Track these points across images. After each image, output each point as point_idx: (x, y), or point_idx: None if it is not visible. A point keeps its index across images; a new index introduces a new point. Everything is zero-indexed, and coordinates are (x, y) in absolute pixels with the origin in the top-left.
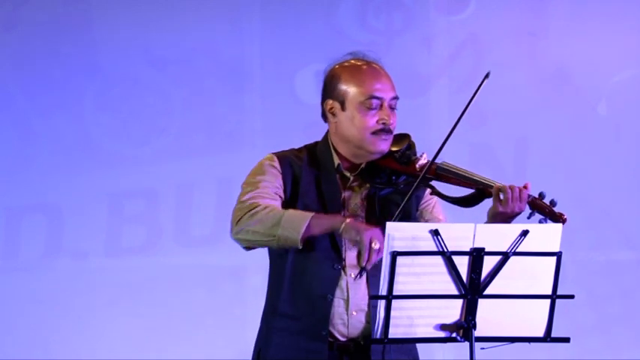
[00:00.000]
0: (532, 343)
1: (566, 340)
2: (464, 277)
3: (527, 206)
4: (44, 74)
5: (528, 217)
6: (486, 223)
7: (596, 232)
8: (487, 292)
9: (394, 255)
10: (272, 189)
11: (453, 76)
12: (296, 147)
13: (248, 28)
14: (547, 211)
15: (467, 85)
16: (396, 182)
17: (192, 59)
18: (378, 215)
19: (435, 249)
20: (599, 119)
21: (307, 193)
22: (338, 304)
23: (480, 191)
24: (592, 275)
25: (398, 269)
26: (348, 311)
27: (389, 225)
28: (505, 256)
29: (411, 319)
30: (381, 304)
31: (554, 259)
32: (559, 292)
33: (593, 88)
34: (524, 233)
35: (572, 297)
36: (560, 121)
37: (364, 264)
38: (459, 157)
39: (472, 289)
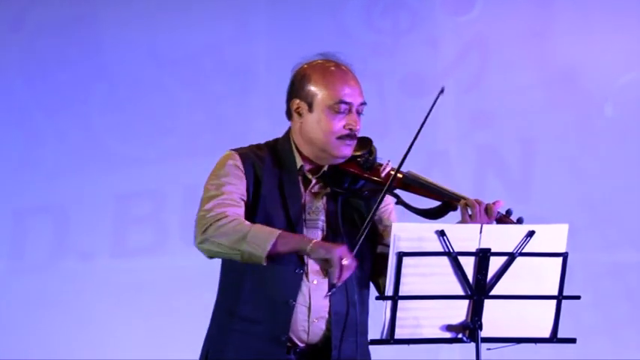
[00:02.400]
0: (538, 344)
1: (573, 340)
2: (470, 277)
3: (495, 223)
4: (50, 75)
5: None
6: None
7: (603, 233)
8: (493, 292)
9: (400, 256)
10: (236, 194)
11: (460, 77)
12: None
13: (254, 29)
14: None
15: (473, 85)
16: (358, 188)
17: (199, 59)
18: (338, 219)
19: (441, 250)
20: (605, 120)
21: (269, 194)
22: (300, 311)
23: (446, 204)
24: (598, 276)
25: (404, 270)
26: (310, 318)
27: (395, 226)
28: (511, 257)
29: (417, 320)
30: (387, 304)
31: (560, 259)
32: (565, 293)
33: (599, 89)
34: (531, 234)
35: (578, 298)
36: (567, 122)
37: (336, 281)
38: (465, 158)
39: (478, 290)
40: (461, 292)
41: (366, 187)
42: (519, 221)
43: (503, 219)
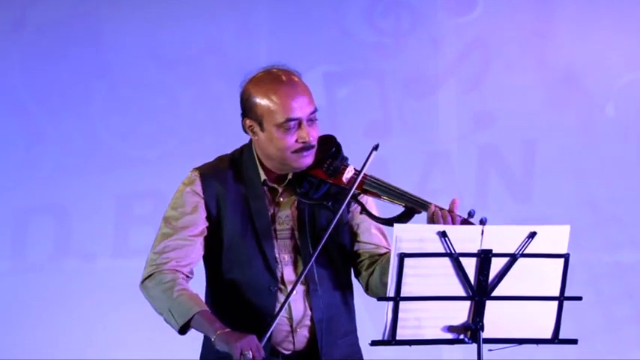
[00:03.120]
0: (540, 345)
1: (574, 341)
2: (471, 278)
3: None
4: (52, 75)
5: None
6: None
7: (604, 234)
8: (495, 293)
9: (401, 257)
10: (191, 229)
11: (461, 78)
12: (222, 154)
13: (256, 29)
14: None
15: (474, 86)
16: (323, 193)
17: (201, 60)
18: (306, 226)
19: (443, 251)
20: (607, 121)
21: (234, 211)
22: (281, 322)
23: (409, 210)
24: (600, 277)
25: (405, 271)
26: (293, 327)
27: (396, 227)
28: (513, 258)
29: (418, 321)
30: (389, 305)
31: (561, 260)
32: (567, 294)
33: (601, 89)
34: (532, 235)
35: (580, 299)
36: (568, 122)
37: None
38: (467, 159)
39: (480, 291)
40: (462, 293)
41: (331, 191)
42: (482, 223)
43: (466, 221)
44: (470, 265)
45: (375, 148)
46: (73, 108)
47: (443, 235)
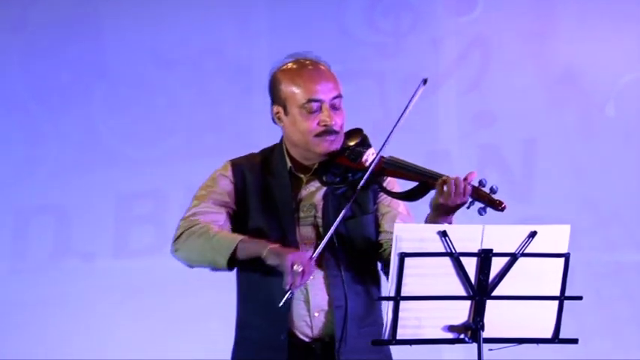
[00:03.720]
0: (540, 345)
1: (575, 341)
2: (472, 278)
3: (470, 197)
4: (52, 75)
5: (467, 207)
6: (429, 214)
7: (605, 234)
8: (495, 293)
9: (402, 256)
10: (218, 201)
11: (461, 77)
12: (256, 150)
13: (256, 29)
14: (487, 200)
15: (475, 85)
16: (350, 180)
17: (200, 60)
18: (331, 214)
19: (443, 250)
20: (607, 120)
21: (260, 199)
22: (299, 307)
23: (423, 184)
24: (600, 277)
25: (406, 270)
26: (310, 312)
27: (397, 226)
28: (513, 258)
29: (419, 321)
30: (389, 305)
31: (562, 260)
32: (567, 294)
33: (601, 89)
34: (533, 234)
35: (580, 298)
36: (569, 122)
37: (287, 287)
38: (467, 159)
39: (480, 291)
40: (463, 293)
41: (357, 178)
42: (492, 191)
43: (477, 190)
44: (470, 265)
45: (425, 81)
46: (73, 108)
47: (443, 234)
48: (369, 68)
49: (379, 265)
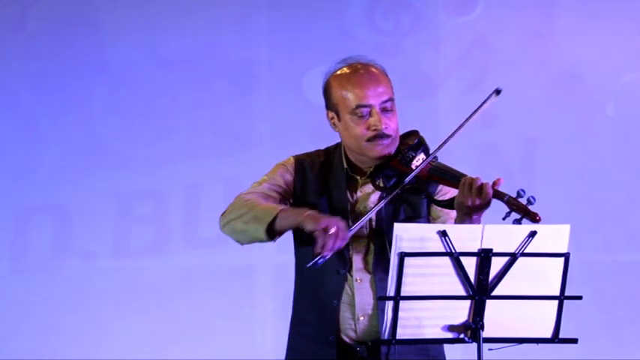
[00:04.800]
0: (540, 344)
1: (574, 341)
2: (472, 278)
3: (506, 206)
4: (52, 75)
5: (503, 219)
6: (456, 215)
7: (605, 233)
8: (495, 293)
9: (402, 256)
10: (274, 186)
11: (462, 78)
12: (322, 147)
13: (256, 30)
14: (522, 210)
15: (475, 86)
16: (397, 182)
17: (200, 60)
18: (384, 219)
19: (443, 250)
20: (607, 120)
21: (316, 196)
22: (344, 309)
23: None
24: (600, 276)
25: (406, 270)
26: (355, 316)
27: (397, 226)
28: (513, 257)
29: (418, 320)
30: (389, 305)
31: (562, 260)
32: (567, 293)
33: (601, 89)
34: (532, 234)
35: (580, 298)
36: (569, 122)
37: (318, 250)
38: (468, 158)
39: (480, 290)
40: (463, 293)
41: (404, 180)
42: (529, 202)
43: (511, 200)
44: (470, 265)
45: (497, 92)
46: (73, 108)
47: (443, 234)
48: None
49: None
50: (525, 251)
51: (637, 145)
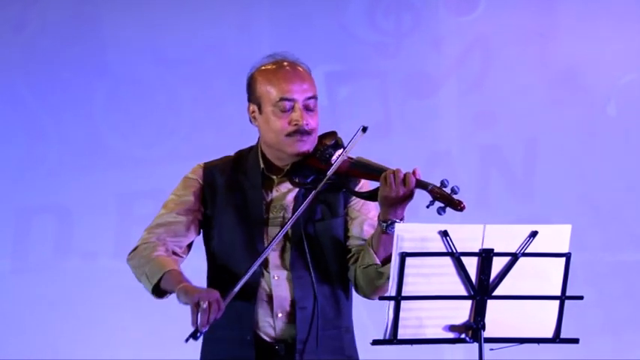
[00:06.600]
0: (541, 344)
1: (576, 341)
2: (473, 278)
3: (429, 195)
4: (53, 75)
5: (427, 207)
6: (380, 212)
7: (606, 233)
8: (496, 293)
9: (403, 256)
10: (183, 207)
11: (462, 77)
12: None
13: (257, 29)
14: (446, 199)
15: (476, 85)
16: (315, 179)
17: (202, 59)
18: (301, 215)
19: (444, 250)
20: (608, 120)
21: (230, 198)
22: (262, 307)
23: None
24: (601, 276)
25: (407, 270)
26: (273, 313)
27: (398, 226)
28: (514, 257)
29: (419, 320)
30: (390, 305)
31: (563, 259)
32: (568, 293)
33: (602, 88)
34: (534, 234)
35: (581, 298)
36: (570, 121)
37: (193, 325)
38: (468, 158)
39: (481, 290)
40: (464, 293)
41: (322, 177)
42: (453, 191)
43: (435, 190)
44: (471, 265)
45: (364, 129)
46: (74, 107)
47: (444, 234)
48: (370, 68)
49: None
50: (526, 251)
51: (638, 145)
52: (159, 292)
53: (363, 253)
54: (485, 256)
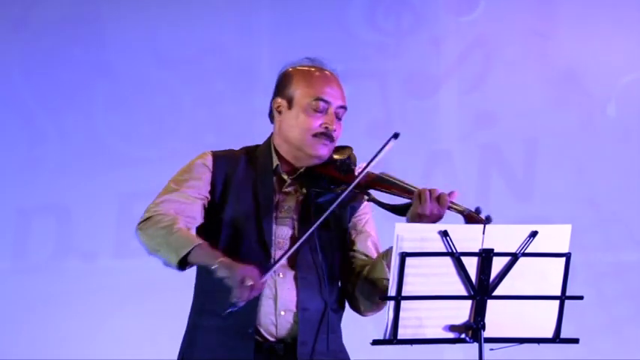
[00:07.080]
0: (541, 344)
1: (576, 341)
2: (473, 278)
3: (464, 219)
4: (54, 74)
5: None
6: None
7: (606, 233)
8: (496, 293)
9: (403, 256)
10: (194, 191)
11: (462, 77)
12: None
13: (257, 29)
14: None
15: (476, 85)
16: (334, 190)
17: (202, 60)
18: (310, 221)
19: (444, 250)
20: (608, 120)
21: (239, 193)
22: (266, 304)
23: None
24: (601, 276)
25: (407, 270)
26: (277, 311)
27: (398, 226)
28: (514, 257)
29: (419, 320)
30: (390, 305)
31: (563, 259)
32: (568, 293)
33: (602, 89)
34: (534, 234)
35: (581, 298)
36: (570, 122)
37: (234, 300)
38: (468, 158)
39: (481, 290)
40: (464, 293)
41: (341, 188)
42: (488, 220)
43: (471, 215)
44: (471, 265)
45: (395, 136)
46: (74, 108)
47: (444, 234)
48: (370, 68)
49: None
50: (526, 251)
51: (638, 145)
52: (183, 263)
53: (371, 267)
54: (485, 256)
